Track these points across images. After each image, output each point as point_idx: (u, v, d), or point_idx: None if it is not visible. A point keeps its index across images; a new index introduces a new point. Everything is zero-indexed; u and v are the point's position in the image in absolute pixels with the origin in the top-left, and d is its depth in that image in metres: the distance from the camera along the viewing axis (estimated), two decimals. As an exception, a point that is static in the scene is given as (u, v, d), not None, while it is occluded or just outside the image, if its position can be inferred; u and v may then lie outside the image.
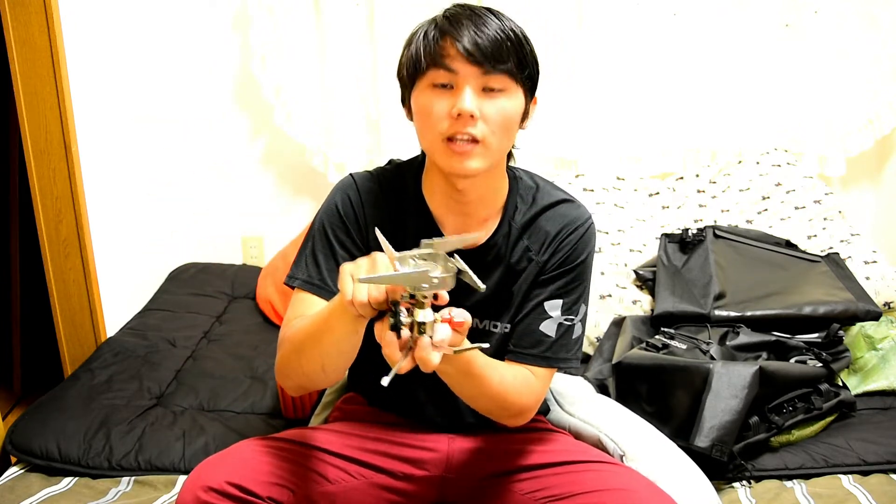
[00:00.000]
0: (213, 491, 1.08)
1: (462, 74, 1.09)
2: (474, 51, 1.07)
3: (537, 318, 1.23)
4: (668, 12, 2.43)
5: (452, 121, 1.10)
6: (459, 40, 1.08)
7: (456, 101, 1.09)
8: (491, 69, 1.09)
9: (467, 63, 1.08)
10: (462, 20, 1.10)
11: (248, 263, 2.73)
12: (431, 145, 1.14)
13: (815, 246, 2.14)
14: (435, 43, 1.10)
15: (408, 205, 1.24)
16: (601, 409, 1.49)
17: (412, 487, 1.27)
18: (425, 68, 1.11)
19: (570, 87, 2.48)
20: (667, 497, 1.13)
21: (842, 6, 2.38)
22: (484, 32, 1.08)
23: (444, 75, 1.09)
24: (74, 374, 1.87)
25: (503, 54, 1.09)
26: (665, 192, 2.49)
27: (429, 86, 1.11)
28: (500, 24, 1.11)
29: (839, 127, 2.48)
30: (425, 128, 1.14)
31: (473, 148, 1.11)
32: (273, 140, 2.63)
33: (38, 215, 1.95)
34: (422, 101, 1.12)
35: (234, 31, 2.52)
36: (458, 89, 1.09)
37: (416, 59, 1.11)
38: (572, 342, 1.25)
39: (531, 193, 1.26)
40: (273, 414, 1.73)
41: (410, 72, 1.14)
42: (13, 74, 1.85)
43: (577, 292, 1.25)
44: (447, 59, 1.08)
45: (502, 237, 1.23)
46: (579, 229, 1.24)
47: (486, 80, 1.09)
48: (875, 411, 1.67)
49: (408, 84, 1.16)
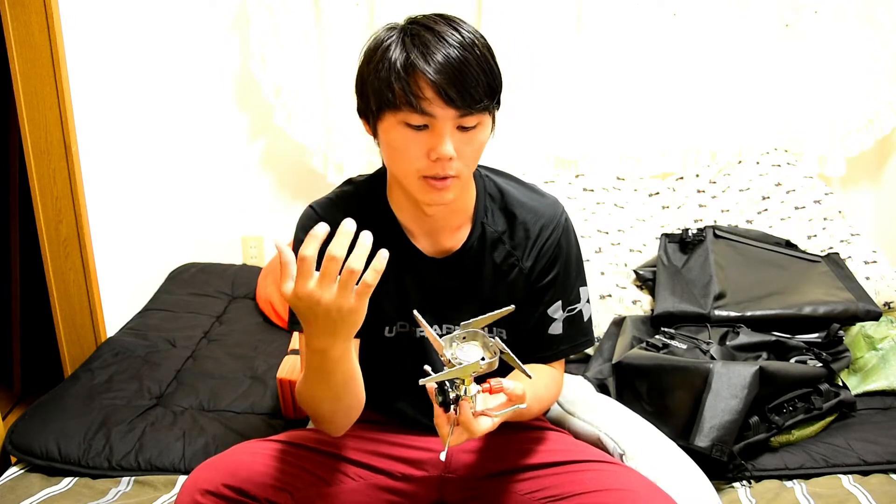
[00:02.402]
0: (211, 494, 1.08)
1: (440, 118, 1.05)
2: (455, 96, 1.03)
3: (544, 325, 1.26)
4: (668, 13, 2.43)
5: (429, 162, 1.08)
6: (436, 83, 1.02)
7: (433, 144, 1.06)
8: (469, 111, 1.05)
9: (445, 106, 1.04)
10: (433, 51, 1.03)
11: (248, 263, 2.73)
12: (406, 179, 1.12)
13: (815, 246, 2.14)
14: (408, 78, 1.04)
15: (376, 222, 1.23)
16: (601, 408, 1.49)
17: (411, 488, 1.27)
18: (396, 105, 1.05)
19: (570, 88, 2.48)
20: (667, 497, 1.13)
21: (842, 6, 2.38)
22: (462, 73, 1.03)
23: (420, 118, 1.05)
24: (74, 374, 1.87)
25: (480, 94, 1.05)
26: (665, 192, 2.49)
27: (400, 122, 1.07)
28: (473, 55, 1.05)
29: (839, 127, 2.48)
30: (399, 162, 1.11)
31: (451, 182, 1.10)
32: (273, 140, 2.63)
33: (38, 215, 1.95)
34: (394, 136, 1.09)
35: (234, 31, 2.52)
36: (434, 131, 1.06)
37: (387, 92, 1.05)
38: (584, 326, 1.29)
39: (499, 192, 1.27)
40: (273, 414, 1.73)
41: (377, 101, 1.08)
42: (13, 74, 1.85)
43: (572, 284, 1.27)
44: (424, 103, 1.04)
45: (477, 240, 1.24)
46: (556, 229, 1.25)
47: (463, 121, 1.07)
48: (875, 411, 1.67)
49: (372, 110, 1.10)
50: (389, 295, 1.23)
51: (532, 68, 2.44)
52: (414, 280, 1.23)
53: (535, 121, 2.50)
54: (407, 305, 1.23)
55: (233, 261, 2.72)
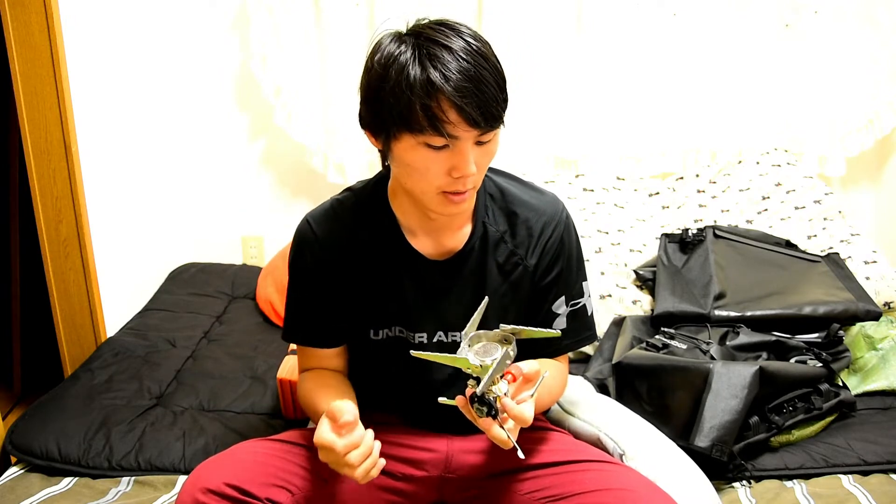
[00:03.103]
0: (212, 493, 1.09)
1: (463, 139, 1.06)
2: (478, 118, 1.03)
3: (549, 322, 1.27)
4: (668, 13, 2.43)
5: (451, 179, 1.09)
6: (460, 106, 1.02)
7: (456, 163, 1.07)
8: (491, 129, 1.07)
9: (469, 128, 1.04)
10: (451, 71, 1.02)
11: (248, 263, 2.74)
12: (425, 195, 1.13)
13: (815, 246, 2.14)
14: (430, 105, 1.02)
15: (376, 227, 1.24)
16: (601, 408, 1.49)
17: (411, 488, 1.27)
18: (420, 129, 1.04)
19: (570, 88, 2.48)
20: (666, 497, 1.13)
21: (842, 6, 2.38)
22: (482, 91, 1.03)
23: (444, 141, 1.05)
24: (74, 374, 1.87)
25: (500, 110, 1.07)
26: (665, 192, 2.49)
27: (421, 144, 1.06)
28: (489, 70, 1.05)
29: (839, 127, 2.48)
30: (418, 181, 1.11)
31: (469, 194, 1.12)
32: (273, 140, 2.63)
33: (38, 215, 1.95)
34: (414, 157, 1.08)
35: (234, 31, 2.52)
36: (457, 150, 1.06)
37: (407, 114, 1.03)
38: (587, 320, 1.31)
39: (499, 191, 1.27)
40: (273, 414, 1.73)
41: (396, 122, 1.05)
42: (13, 74, 1.85)
43: (575, 279, 1.29)
44: (448, 127, 1.03)
45: (479, 240, 1.24)
46: (559, 225, 1.26)
47: (481, 136, 1.07)
48: (875, 411, 1.67)
49: (387, 129, 1.08)
50: (388, 298, 1.23)
51: (532, 68, 2.44)
52: (413, 283, 1.23)
53: (535, 121, 2.50)
54: (406, 308, 1.23)
55: (233, 261, 2.72)
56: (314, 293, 1.26)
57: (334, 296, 1.25)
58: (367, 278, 1.24)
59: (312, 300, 1.27)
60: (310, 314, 1.28)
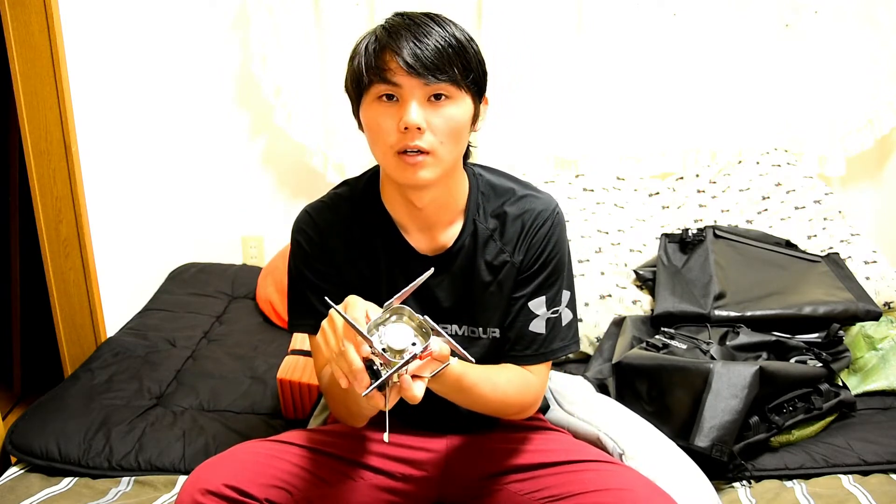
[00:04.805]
0: (211, 494, 1.09)
1: (406, 87, 1.08)
2: (415, 63, 1.06)
3: (526, 320, 1.24)
4: (668, 13, 2.43)
5: (400, 134, 1.10)
6: (399, 53, 1.07)
7: (402, 115, 1.09)
8: (433, 79, 1.08)
9: (409, 76, 1.07)
10: (401, 31, 1.08)
11: (248, 263, 2.73)
12: (384, 158, 1.15)
13: (815, 246, 2.14)
14: (376, 57, 1.09)
15: (371, 221, 1.24)
16: (601, 408, 1.49)
17: (411, 488, 1.27)
18: (368, 83, 1.10)
19: (570, 88, 2.48)
20: (666, 496, 1.13)
21: (842, 6, 2.38)
22: (424, 43, 1.07)
23: (388, 88, 1.09)
24: (74, 374, 1.87)
25: (445, 63, 1.08)
26: (665, 192, 2.49)
27: (374, 99, 1.11)
28: (442, 32, 1.09)
29: (839, 127, 2.48)
30: (376, 142, 1.14)
31: (424, 159, 1.11)
32: (273, 140, 2.63)
33: (38, 215, 1.95)
34: (369, 115, 1.13)
35: (234, 31, 2.53)
36: (403, 102, 1.09)
37: (360, 73, 1.11)
38: (563, 330, 1.26)
39: (492, 189, 1.26)
40: (273, 414, 1.73)
41: (355, 86, 1.14)
42: (13, 74, 1.85)
43: (558, 284, 1.25)
44: (389, 73, 1.08)
45: (469, 237, 1.24)
46: (547, 222, 1.24)
47: (431, 90, 1.09)
48: (875, 411, 1.67)
49: (354, 99, 1.16)
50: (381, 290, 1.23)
51: (532, 68, 2.44)
52: (405, 277, 1.23)
53: (535, 121, 2.50)
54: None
55: (233, 261, 2.72)
56: (315, 281, 1.25)
57: (333, 284, 1.24)
58: (363, 270, 1.23)
59: (314, 288, 1.25)
60: (313, 302, 1.25)
